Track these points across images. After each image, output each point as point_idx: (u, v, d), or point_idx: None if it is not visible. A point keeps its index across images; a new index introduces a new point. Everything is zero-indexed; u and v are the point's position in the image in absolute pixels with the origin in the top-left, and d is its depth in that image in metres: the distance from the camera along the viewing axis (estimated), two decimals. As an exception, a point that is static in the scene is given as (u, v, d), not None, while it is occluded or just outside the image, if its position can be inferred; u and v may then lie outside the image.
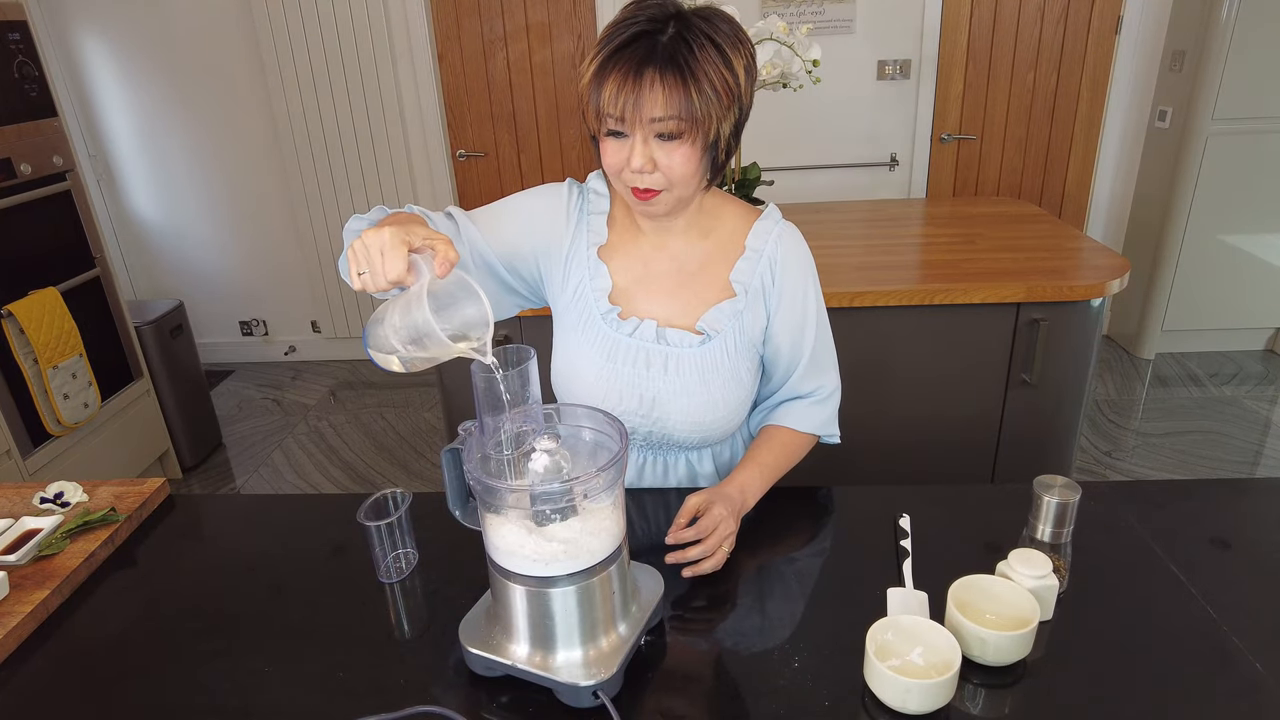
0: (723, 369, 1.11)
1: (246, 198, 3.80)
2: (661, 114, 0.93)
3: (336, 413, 3.54)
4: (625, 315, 1.13)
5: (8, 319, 2.28)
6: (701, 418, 1.12)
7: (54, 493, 1.19)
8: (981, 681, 0.83)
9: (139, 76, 3.60)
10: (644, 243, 1.13)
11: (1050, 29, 3.38)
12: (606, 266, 1.13)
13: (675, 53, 0.92)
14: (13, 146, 2.36)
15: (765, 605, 0.96)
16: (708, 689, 0.84)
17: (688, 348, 1.11)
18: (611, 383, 1.12)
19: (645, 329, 1.11)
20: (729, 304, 1.11)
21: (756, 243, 1.11)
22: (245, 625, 0.96)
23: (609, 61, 0.94)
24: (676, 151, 0.96)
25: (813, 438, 1.20)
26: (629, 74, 0.93)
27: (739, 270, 1.11)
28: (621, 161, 0.98)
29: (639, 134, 0.96)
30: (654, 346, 1.11)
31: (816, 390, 1.18)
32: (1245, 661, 0.84)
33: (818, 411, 1.18)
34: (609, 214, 1.15)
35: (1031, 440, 2.11)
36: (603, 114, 0.96)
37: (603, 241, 1.14)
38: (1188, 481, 1.28)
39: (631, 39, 0.94)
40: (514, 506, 0.79)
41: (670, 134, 0.95)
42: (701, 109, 0.93)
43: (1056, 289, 1.92)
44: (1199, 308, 3.54)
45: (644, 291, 1.13)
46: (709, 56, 0.93)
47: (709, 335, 1.11)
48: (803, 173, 3.56)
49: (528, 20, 3.45)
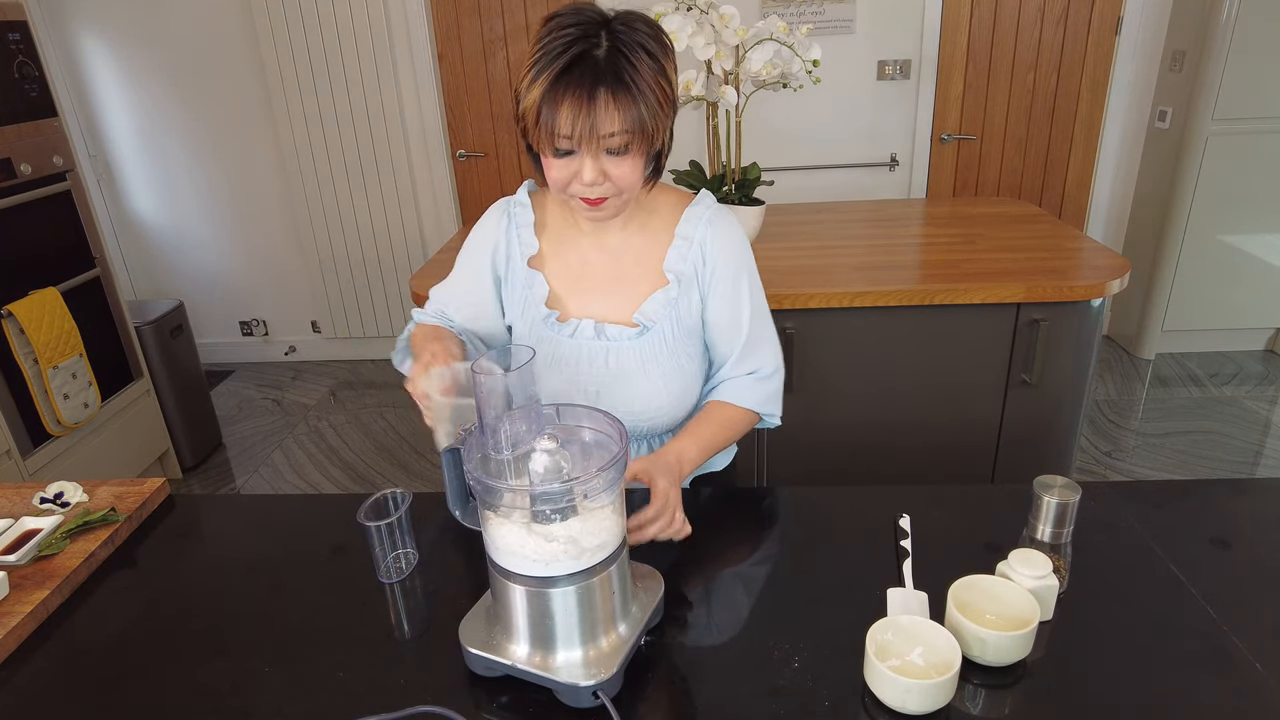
0: (662, 358, 1.14)
1: (246, 198, 3.80)
2: (615, 129, 0.96)
3: (336, 413, 3.54)
4: (564, 317, 1.17)
5: (8, 319, 2.28)
6: (645, 406, 1.15)
7: (54, 493, 1.19)
8: (981, 682, 0.83)
9: (139, 76, 3.60)
10: (582, 242, 1.17)
11: (1050, 29, 3.38)
12: (541, 274, 1.17)
13: (619, 69, 0.95)
14: (13, 146, 2.36)
15: (765, 605, 0.96)
16: (708, 689, 0.84)
17: (626, 340, 1.14)
18: (556, 383, 1.16)
19: (584, 328, 1.15)
20: (662, 293, 1.13)
21: (687, 229, 1.14)
22: (245, 625, 0.96)
23: (558, 84, 0.95)
24: (625, 163, 1.00)
25: (752, 415, 1.20)
26: (581, 98, 0.94)
27: (670, 258, 1.14)
28: (569, 176, 1.01)
29: (589, 150, 0.98)
30: (594, 343, 1.15)
31: (757, 369, 1.19)
32: (1245, 661, 0.84)
33: (758, 388, 1.19)
34: (535, 222, 1.19)
35: (1031, 440, 2.11)
36: (558, 134, 0.97)
37: (533, 251, 1.18)
38: (1188, 481, 1.28)
39: (573, 60, 0.94)
40: (514, 506, 0.79)
41: (620, 148, 0.98)
42: (650, 122, 0.97)
43: (1056, 289, 1.92)
44: (1199, 308, 3.54)
45: (583, 290, 1.17)
46: (646, 67, 0.96)
47: (645, 326, 1.13)
48: (803, 173, 3.56)
49: (528, 20, 3.45)
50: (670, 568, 0.99)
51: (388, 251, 3.82)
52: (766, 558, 1.05)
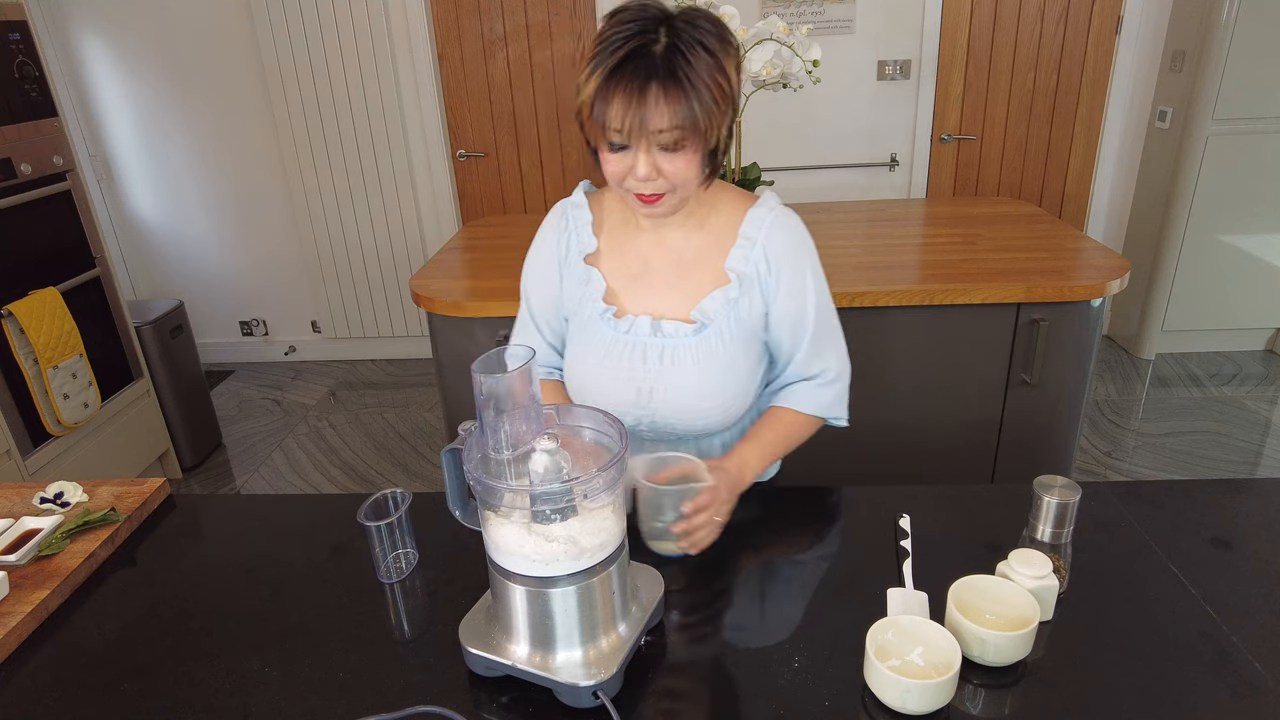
0: (719, 356, 1.12)
1: (246, 198, 3.80)
2: (667, 125, 0.96)
3: (336, 413, 3.54)
4: (621, 313, 1.16)
5: (8, 319, 2.28)
6: (698, 404, 1.14)
7: (54, 493, 1.19)
8: (981, 682, 0.83)
9: (139, 76, 3.60)
10: (642, 239, 1.16)
11: (1050, 29, 3.38)
12: (598, 270, 1.17)
13: (674, 65, 0.94)
14: (13, 146, 2.36)
15: (765, 605, 0.96)
16: (708, 689, 0.84)
17: (683, 337, 1.12)
18: (607, 378, 1.15)
19: (640, 324, 1.14)
20: (722, 292, 1.12)
21: (750, 230, 1.13)
22: (245, 625, 0.96)
23: (611, 79, 0.96)
24: (679, 159, 0.99)
25: (817, 420, 1.20)
26: (633, 92, 0.95)
27: (733, 258, 1.13)
28: (624, 171, 1.01)
29: (643, 144, 0.98)
30: (650, 340, 1.13)
31: (821, 373, 1.18)
32: (1245, 661, 0.84)
33: (822, 394, 1.18)
34: (593, 221, 1.19)
35: (1031, 440, 2.11)
36: (608, 129, 0.98)
37: (591, 249, 1.18)
38: (1188, 481, 1.27)
39: (629, 55, 0.95)
40: (514, 506, 0.79)
41: (673, 144, 0.97)
42: (703, 119, 0.96)
43: (1056, 289, 1.92)
44: (1199, 308, 3.54)
45: (642, 287, 1.16)
46: (703, 64, 0.95)
47: (703, 324, 1.12)
48: (803, 173, 3.56)
49: (528, 20, 3.45)
50: (670, 568, 0.99)
51: (388, 251, 3.82)
52: (766, 557, 1.05)
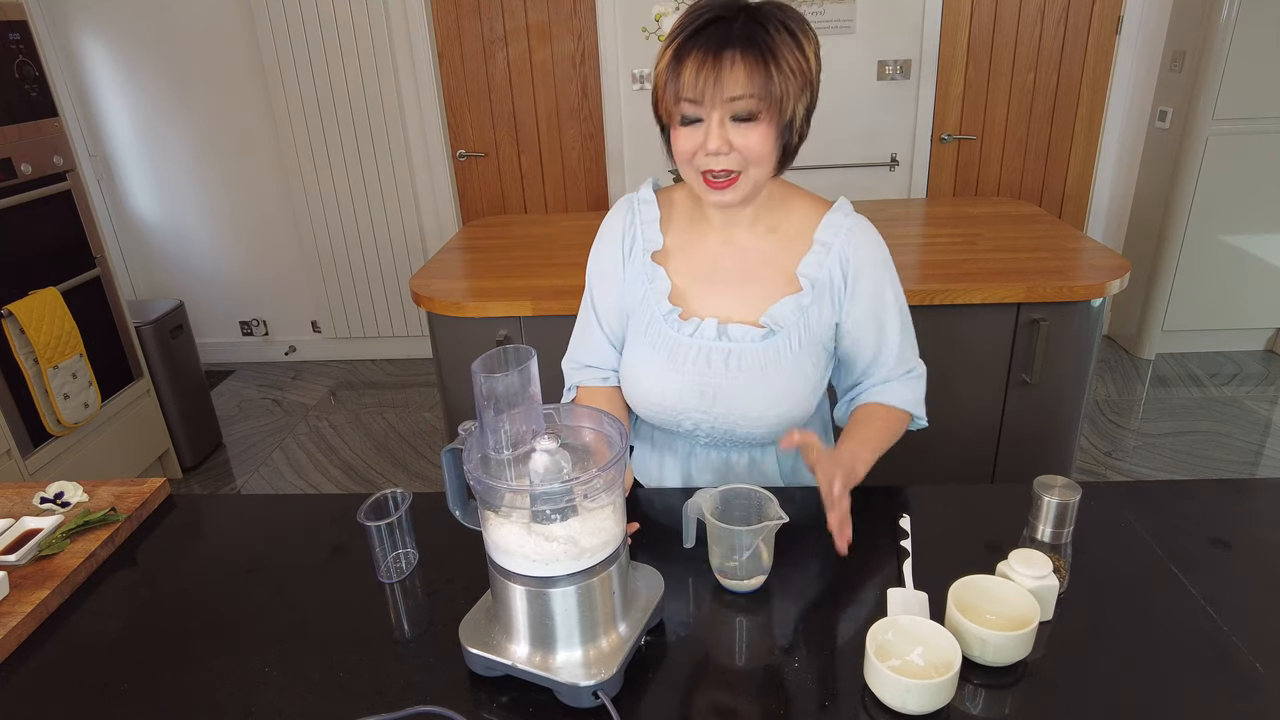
0: (785, 362, 1.10)
1: (246, 197, 3.80)
2: (742, 92, 0.94)
3: (336, 413, 3.54)
4: (686, 315, 1.13)
5: (8, 319, 2.28)
6: (764, 411, 1.12)
7: (54, 493, 1.19)
8: (982, 682, 0.83)
9: (139, 76, 3.60)
10: (710, 239, 1.14)
11: (1050, 29, 3.38)
12: (664, 269, 1.15)
13: (752, 34, 0.94)
14: (13, 146, 2.36)
15: (765, 605, 0.96)
16: (707, 689, 0.84)
17: (750, 342, 1.10)
18: (670, 381, 1.13)
19: (706, 328, 1.12)
20: (794, 298, 1.10)
21: (826, 236, 1.10)
22: (245, 625, 0.96)
23: (686, 45, 0.95)
24: (753, 131, 0.97)
25: (906, 415, 1.17)
26: (708, 54, 0.94)
27: (806, 264, 1.10)
28: (695, 145, 0.99)
29: (715, 115, 0.97)
30: (715, 344, 1.11)
31: (912, 369, 1.18)
32: (1245, 661, 0.84)
33: (911, 388, 1.17)
34: (661, 218, 1.16)
35: (1031, 440, 2.11)
36: (681, 97, 0.97)
37: (657, 247, 1.15)
38: (1188, 481, 1.28)
39: (705, 24, 0.95)
40: (514, 506, 0.79)
41: (748, 114, 0.96)
42: (780, 87, 0.95)
43: (1056, 289, 1.92)
44: (1199, 308, 3.54)
45: (708, 288, 1.14)
46: (784, 39, 0.95)
47: (772, 330, 1.10)
48: (803, 173, 3.56)
49: (528, 20, 3.45)
50: (671, 568, 0.99)
51: (388, 251, 3.82)
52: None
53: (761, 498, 0.99)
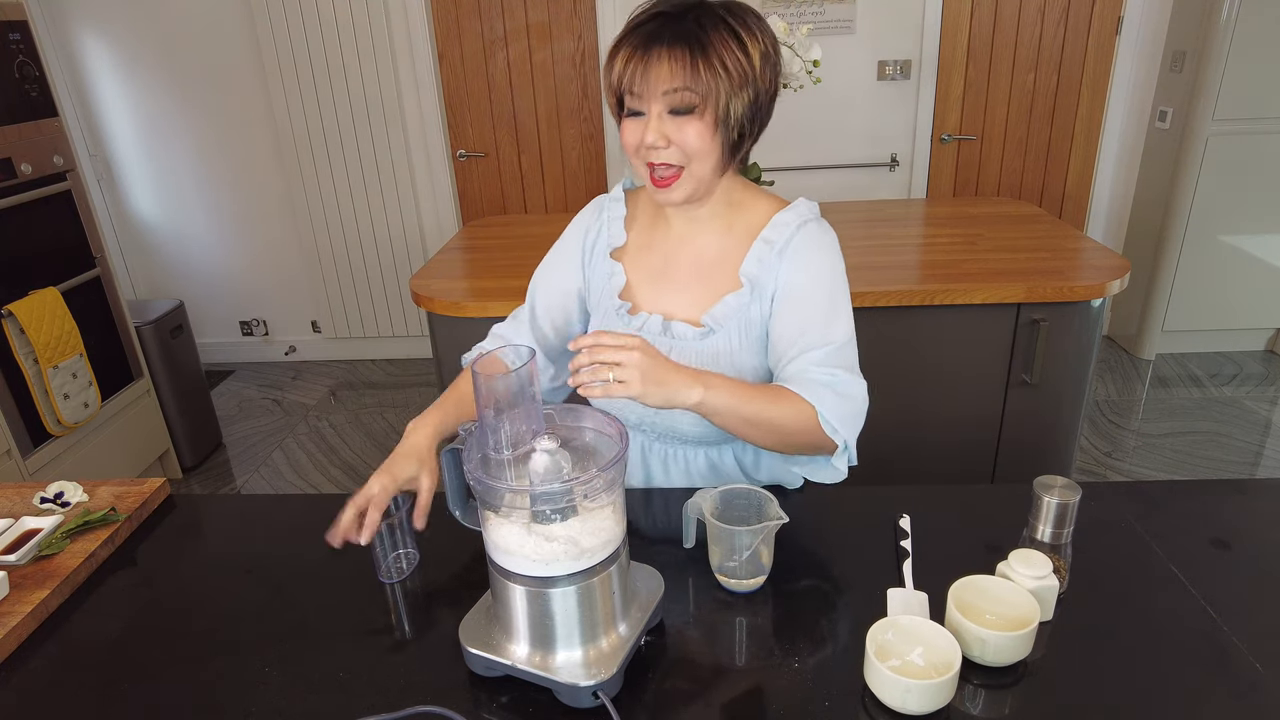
0: (722, 364, 1.11)
1: (247, 198, 3.80)
2: (668, 86, 0.96)
3: (336, 413, 3.54)
4: (635, 310, 1.15)
5: (8, 319, 2.28)
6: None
7: (54, 493, 1.19)
8: (981, 682, 0.83)
9: (139, 76, 3.60)
10: (670, 238, 1.16)
11: (1050, 29, 3.38)
12: (621, 265, 1.17)
13: (687, 31, 0.96)
14: (13, 146, 2.36)
15: (765, 605, 0.96)
16: (707, 689, 0.84)
17: (689, 341, 1.12)
18: None
19: (651, 323, 1.14)
20: (734, 296, 1.11)
21: (772, 234, 1.10)
22: (245, 625, 0.96)
23: (624, 39, 0.99)
24: (689, 126, 0.98)
25: (809, 410, 1.01)
26: (637, 48, 0.97)
27: (747, 262, 1.11)
28: (637, 139, 1.01)
29: (653, 109, 0.99)
30: (658, 339, 1.12)
31: (834, 380, 1.04)
32: (1245, 661, 0.84)
33: (831, 397, 1.02)
34: (626, 216, 1.19)
35: (1031, 440, 2.11)
36: (613, 88, 1.00)
37: (619, 243, 1.18)
38: (1188, 481, 1.28)
39: (649, 19, 0.98)
40: (514, 506, 0.79)
41: (682, 107, 0.97)
42: (709, 82, 0.96)
43: (1057, 289, 1.92)
44: (1199, 308, 3.54)
45: (660, 286, 1.15)
46: (720, 37, 0.96)
47: (711, 329, 1.11)
48: (803, 173, 3.56)
49: (528, 20, 3.45)
50: (671, 568, 0.99)
51: (388, 251, 3.82)
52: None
53: (762, 498, 0.99)
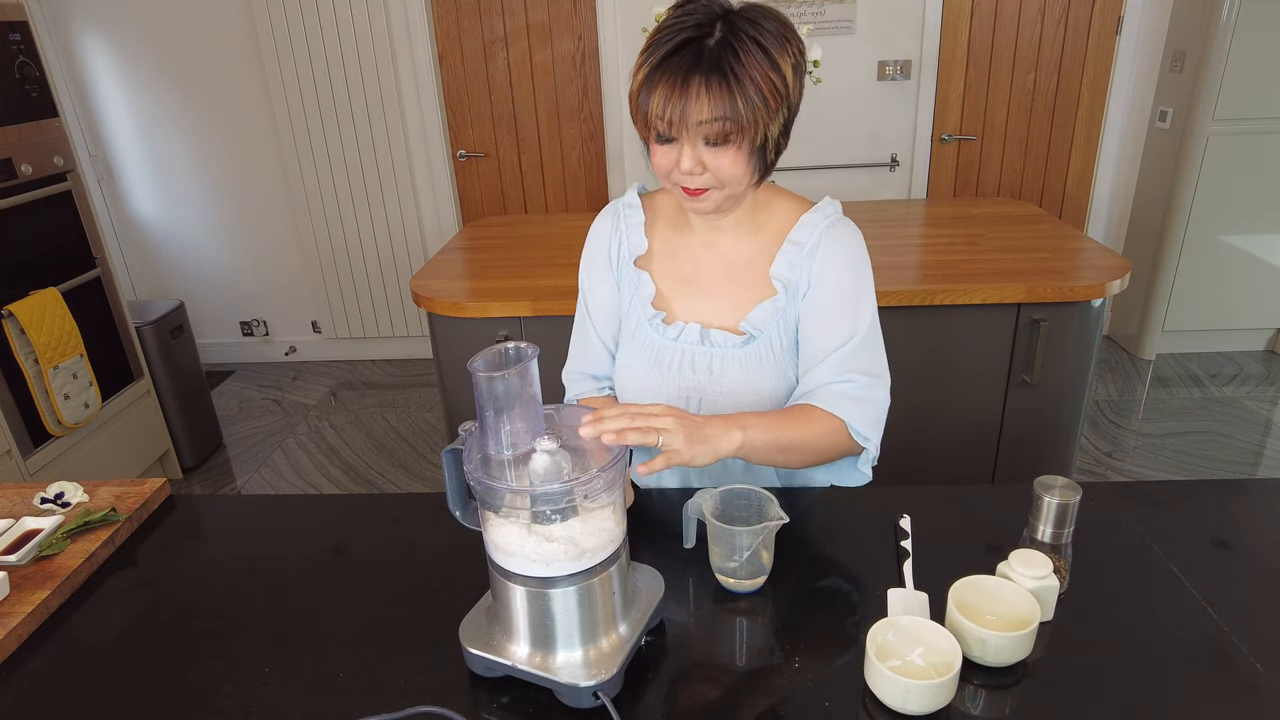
0: (767, 367, 1.11)
1: (247, 198, 3.81)
2: (707, 117, 0.94)
3: (336, 413, 3.54)
4: (670, 319, 1.14)
5: (8, 319, 2.28)
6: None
7: (54, 493, 1.19)
8: (982, 682, 0.83)
9: (139, 76, 3.60)
10: (694, 242, 1.15)
11: (1050, 29, 3.38)
12: (648, 274, 1.16)
13: (720, 59, 0.93)
14: (13, 146, 2.36)
15: (765, 605, 0.96)
16: (708, 689, 0.84)
17: (731, 348, 1.11)
18: (657, 385, 1.14)
19: (689, 333, 1.13)
20: (770, 302, 1.10)
21: (800, 235, 1.10)
22: (245, 625, 0.96)
23: (656, 70, 0.95)
24: (724, 155, 0.97)
25: (838, 424, 1.04)
26: (676, 83, 0.93)
27: (778, 265, 1.10)
28: (670, 164, 1.00)
29: (686, 138, 0.97)
30: (699, 349, 1.12)
31: (853, 380, 1.06)
32: (1245, 661, 0.84)
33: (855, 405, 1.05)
34: (646, 223, 1.17)
35: (1032, 440, 2.11)
36: (651, 121, 0.97)
37: (641, 251, 1.16)
38: (1188, 481, 1.28)
39: (679, 46, 0.94)
40: (514, 507, 0.79)
41: (717, 138, 0.96)
42: (747, 114, 0.93)
43: (1057, 289, 1.92)
44: (1199, 308, 3.54)
45: (692, 292, 1.14)
46: (754, 60, 0.93)
47: (752, 335, 1.10)
48: (803, 173, 3.56)
49: (528, 21, 3.45)
50: (671, 568, 0.99)
51: (388, 251, 3.82)
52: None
53: (762, 498, 0.99)
